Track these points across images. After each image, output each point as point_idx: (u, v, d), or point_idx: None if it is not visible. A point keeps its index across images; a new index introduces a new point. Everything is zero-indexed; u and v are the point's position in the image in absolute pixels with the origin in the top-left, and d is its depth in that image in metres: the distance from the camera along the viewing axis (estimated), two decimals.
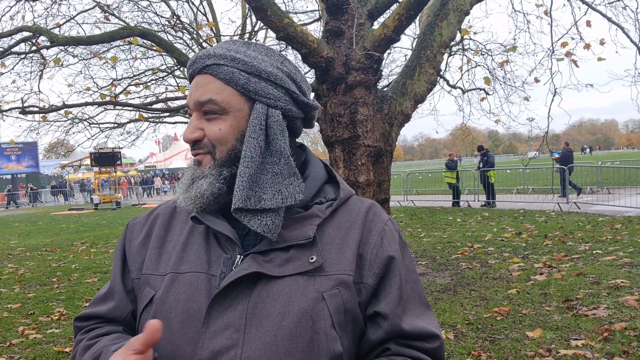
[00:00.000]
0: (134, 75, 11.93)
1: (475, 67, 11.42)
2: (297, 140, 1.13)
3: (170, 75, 12.97)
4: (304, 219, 1.00)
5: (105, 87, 10.95)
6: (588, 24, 8.20)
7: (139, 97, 12.45)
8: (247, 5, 10.88)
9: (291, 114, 1.04)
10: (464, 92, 11.39)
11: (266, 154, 1.00)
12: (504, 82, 11.27)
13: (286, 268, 0.94)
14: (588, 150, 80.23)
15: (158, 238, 1.07)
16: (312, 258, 0.95)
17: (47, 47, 7.85)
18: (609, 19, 8.08)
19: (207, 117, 1.01)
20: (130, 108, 10.52)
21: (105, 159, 26.60)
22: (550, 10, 8.04)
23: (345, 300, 0.94)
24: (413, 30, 12.69)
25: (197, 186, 0.99)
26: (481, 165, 15.87)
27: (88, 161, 30.40)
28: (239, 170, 0.98)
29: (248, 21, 11.52)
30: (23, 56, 8.57)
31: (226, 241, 0.98)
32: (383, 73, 6.52)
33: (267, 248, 0.96)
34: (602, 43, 8.22)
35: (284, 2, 11.73)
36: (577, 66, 7.86)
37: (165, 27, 10.99)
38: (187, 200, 1.00)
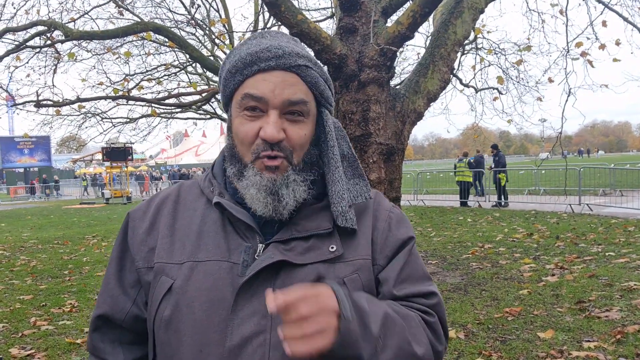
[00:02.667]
0: (147, 71, 11.98)
1: (489, 66, 11.34)
2: None
3: (182, 71, 13.02)
4: (321, 210, 1.04)
5: (118, 82, 11.01)
6: (604, 24, 8.10)
7: (151, 93, 12.50)
8: (260, 2, 10.88)
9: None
10: (476, 91, 11.31)
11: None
12: (518, 82, 11.18)
13: (307, 256, 0.97)
14: (586, 153, 79.12)
15: (167, 226, 1.05)
16: (332, 247, 0.99)
17: (62, 42, 7.91)
18: (625, 19, 7.97)
19: (290, 118, 0.98)
20: (142, 103, 10.56)
21: (117, 153, 26.77)
22: (566, 10, 7.95)
23: (364, 283, 1.00)
24: (426, 28, 12.64)
25: (292, 192, 0.98)
26: (493, 165, 15.78)
27: (99, 156, 30.65)
28: (333, 176, 1.03)
29: (260, 17, 11.52)
30: (38, 50, 8.64)
31: (246, 230, 0.99)
32: (396, 71, 6.49)
33: (288, 237, 0.98)
34: (617, 43, 8.12)
35: None
36: (592, 66, 7.77)
37: (179, 23, 11.03)
38: (273, 205, 0.97)
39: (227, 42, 10.09)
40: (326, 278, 0.92)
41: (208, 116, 15.43)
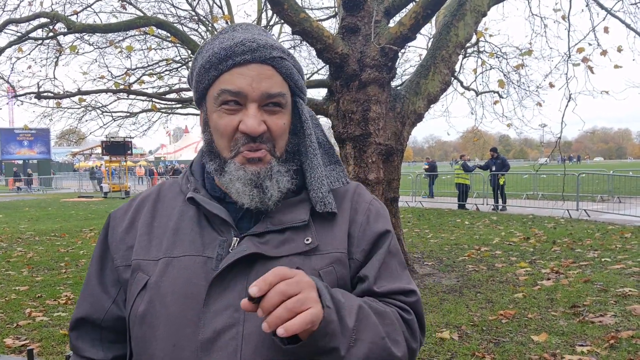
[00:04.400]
0: (148, 65, 11.99)
1: (490, 69, 11.37)
2: None
3: (184, 67, 13.02)
4: (297, 203, 1.04)
5: (119, 76, 11.02)
6: (606, 30, 8.12)
7: (152, 88, 12.50)
8: None
9: None
10: (477, 94, 11.33)
11: None
12: (518, 86, 11.21)
13: (282, 249, 0.97)
14: (576, 159, 78.87)
15: (145, 224, 1.06)
16: (307, 240, 0.99)
17: (64, 34, 7.92)
18: (628, 26, 8.00)
19: (268, 110, 0.98)
20: (143, 97, 10.57)
21: (116, 148, 26.75)
22: (569, 15, 7.98)
23: (339, 276, 0.99)
24: (428, 30, 12.65)
25: (275, 183, 0.99)
26: (494, 169, 15.65)
27: (99, 149, 30.62)
28: (312, 163, 1.05)
29: (263, 15, 11.53)
30: (40, 42, 8.64)
31: (221, 224, 1.00)
32: (397, 72, 6.50)
33: (263, 230, 0.98)
34: (619, 50, 8.15)
35: None
36: (592, 72, 7.79)
37: (182, 19, 11.03)
38: (258, 197, 0.98)
39: None
40: (302, 269, 0.89)
41: None
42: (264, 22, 11.61)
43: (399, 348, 0.95)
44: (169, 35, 9.20)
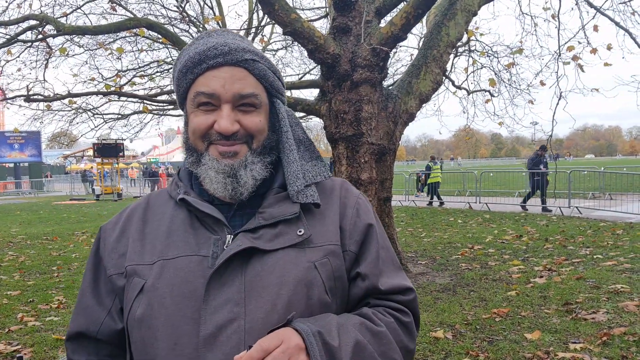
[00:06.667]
0: (139, 67, 11.93)
1: (481, 68, 11.40)
2: None
3: None
4: (287, 197, 1.06)
5: (110, 78, 10.96)
6: (595, 28, 8.17)
7: (144, 89, 12.44)
8: (254, 0, 10.87)
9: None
10: (469, 93, 11.36)
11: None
12: (509, 85, 11.26)
13: (277, 242, 1.00)
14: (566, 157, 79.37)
15: (137, 231, 1.08)
16: (300, 231, 1.02)
17: (54, 36, 7.86)
18: (617, 24, 8.05)
19: (242, 110, 1.02)
20: (134, 99, 10.52)
21: (108, 150, 26.60)
22: (558, 14, 8.01)
23: (334, 268, 1.02)
24: (420, 29, 12.66)
25: (249, 172, 1.03)
26: (542, 167, 14.63)
27: (91, 152, 30.41)
28: (288, 158, 1.08)
29: (254, 16, 11.51)
30: (29, 44, 8.58)
31: (214, 223, 1.02)
32: (389, 72, 6.51)
33: (256, 226, 1.01)
34: (609, 48, 8.19)
35: None
36: (582, 71, 7.83)
37: (172, 20, 10.98)
38: (232, 185, 1.02)
39: None
40: (294, 319, 0.92)
41: None
42: (255, 22, 11.59)
43: None
44: (159, 36, 9.15)
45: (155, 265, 1.00)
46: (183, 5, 10.34)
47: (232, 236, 1.00)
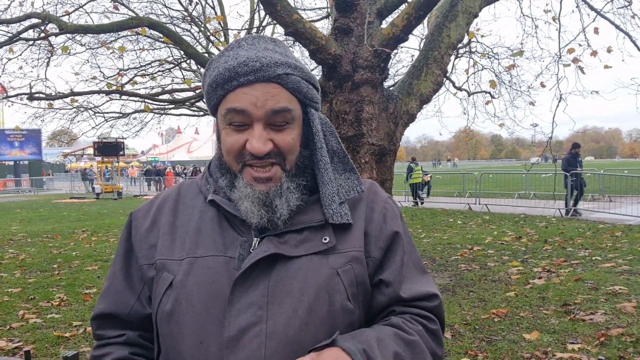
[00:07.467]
0: (141, 66, 11.95)
1: (482, 70, 11.42)
2: None
3: (176, 68, 12.99)
4: (314, 202, 1.06)
5: (111, 76, 10.97)
6: (596, 31, 8.18)
7: (145, 88, 12.44)
8: (256, 0, 10.88)
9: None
10: (469, 95, 11.38)
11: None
12: (510, 86, 11.28)
13: (301, 248, 1.00)
14: (543, 160, 79.15)
15: (168, 224, 1.09)
16: (325, 239, 1.01)
17: (56, 35, 7.86)
18: (617, 27, 8.06)
19: (275, 127, 0.99)
20: (135, 98, 10.54)
21: (109, 148, 26.59)
22: (559, 16, 8.03)
23: (357, 274, 1.02)
24: (421, 30, 12.68)
25: (285, 201, 1.00)
26: (579, 167, 14.05)
27: (90, 150, 30.39)
28: (323, 178, 1.05)
29: (256, 16, 11.53)
30: (31, 43, 8.59)
31: (241, 225, 1.03)
32: (390, 73, 6.53)
33: (282, 230, 1.01)
34: (609, 51, 8.21)
35: None
36: (583, 73, 7.85)
37: (174, 19, 11.00)
38: (267, 216, 1.00)
39: (222, 39, 10.09)
40: (338, 338, 0.92)
41: (201, 113, 15.39)
42: (256, 22, 11.61)
43: None
44: (161, 35, 9.18)
45: (184, 262, 1.01)
46: (191, 10, 10.36)
47: (258, 239, 1.01)
